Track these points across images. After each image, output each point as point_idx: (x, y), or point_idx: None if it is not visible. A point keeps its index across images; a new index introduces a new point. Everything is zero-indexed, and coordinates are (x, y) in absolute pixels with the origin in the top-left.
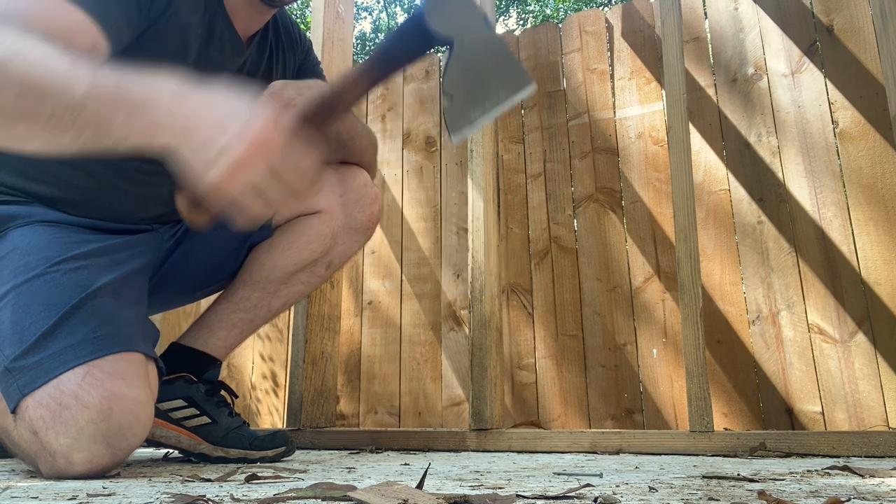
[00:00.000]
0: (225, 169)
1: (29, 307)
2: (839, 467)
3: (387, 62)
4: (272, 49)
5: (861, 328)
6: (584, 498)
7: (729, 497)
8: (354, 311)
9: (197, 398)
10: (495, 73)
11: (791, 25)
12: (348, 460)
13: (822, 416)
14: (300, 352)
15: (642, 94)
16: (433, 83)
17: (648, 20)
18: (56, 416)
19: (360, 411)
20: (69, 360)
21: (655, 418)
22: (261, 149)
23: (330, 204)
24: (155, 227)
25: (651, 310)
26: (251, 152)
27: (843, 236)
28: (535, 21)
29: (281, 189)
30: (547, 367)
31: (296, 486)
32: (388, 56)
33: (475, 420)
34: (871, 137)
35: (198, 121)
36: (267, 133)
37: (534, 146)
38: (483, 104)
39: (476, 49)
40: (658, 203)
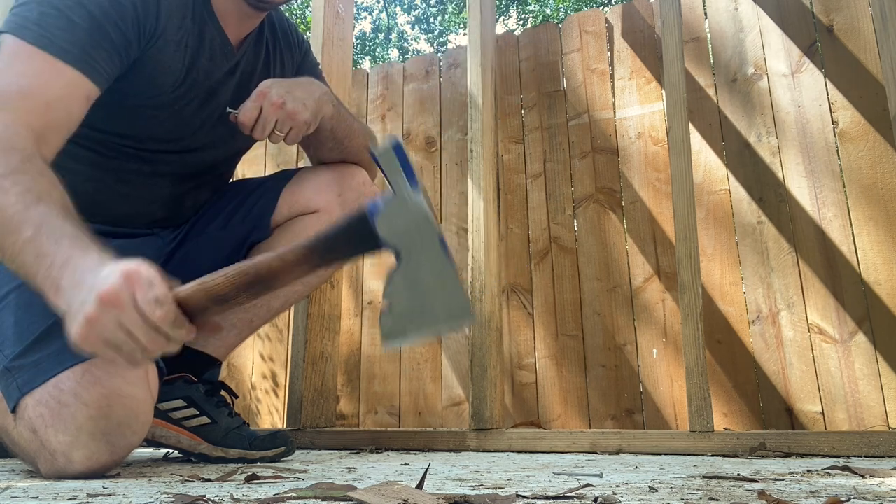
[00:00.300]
0: (80, 324)
1: (29, 308)
2: (839, 467)
3: (327, 252)
4: (269, 49)
5: (861, 328)
6: (584, 498)
7: (729, 497)
8: (354, 311)
9: (196, 398)
10: (439, 298)
11: (791, 25)
12: (348, 460)
13: (822, 416)
14: (300, 352)
15: (642, 94)
16: (433, 83)
17: (648, 20)
18: (55, 414)
19: (360, 411)
20: (68, 359)
21: (655, 418)
22: (109, 307)
23: (328, 203)
24: (155, 231)
25: (651, 310)
26: (99, 311)
27: (843, 236)
28: (535, 21)
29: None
30: (547, 367)
31: (296, 486)
32: (329, 246)
33: (475, 420)
34: (871, 137)
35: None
36: (115, 293)
37: (534, 146)
38: (420, 324)
39: (424, 269)
40: (658, 203)
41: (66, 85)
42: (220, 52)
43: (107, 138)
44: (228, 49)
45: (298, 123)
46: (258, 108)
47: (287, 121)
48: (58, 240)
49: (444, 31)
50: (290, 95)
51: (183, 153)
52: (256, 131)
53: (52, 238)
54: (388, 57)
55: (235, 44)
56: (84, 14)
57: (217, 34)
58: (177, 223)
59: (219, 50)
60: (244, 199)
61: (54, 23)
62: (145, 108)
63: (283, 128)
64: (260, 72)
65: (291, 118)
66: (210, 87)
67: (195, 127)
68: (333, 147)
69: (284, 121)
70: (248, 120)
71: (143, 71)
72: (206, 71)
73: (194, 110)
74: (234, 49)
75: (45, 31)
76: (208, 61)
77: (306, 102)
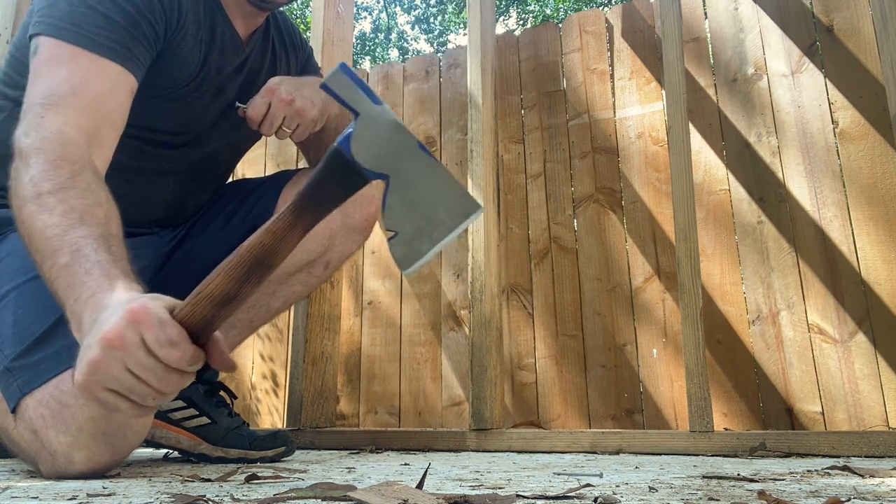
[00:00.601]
0: (81, 370)
1: (29, 307)
2: (839, 467)
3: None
4: (275, 49)
5: (861, 328)
6: (584, 498)
7: (729, 497)
8: (354, 311)
9: (196, 399)
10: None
11: (791, 25)
12: (348, 460)
13: (822, 416)
14: (300, 352)
15: (642, 94)
16: (433, 83)
17: (648, 20)
18: (56, 414)
19: (360, 411)
20: (69, 359)
21: (655, 418)
22: (113, 350)
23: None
24: (154, 231)
25: (651, 310)
26: (102, 355)
27: (843, 236)
28: (535, 21)
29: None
30: (547, 367)
31: (296, 486)
32: (315, 198)
33: (475, 420)
34: (871, 137)
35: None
36: (119, 334)
37: (534, 146)
38: (431, 235)
39: (415, 180)
40: (658, 203)
41: (113, 81)
42: (230, 47)
43: None
44: (238, 44)
45: (306, 120)
46: (267, 103)
47: (295, 117)
48: (88, 270)
49: (444, 31)
50: (299, 93)
51: (184, 148)
52: (264, 126)
53: (83, 268)
54: (388, 57)
55: (244, 39)
56: (117, 9)
57: (227, 29)
58: (177, 223)
59: (229, 45)
60: (244, 200)
61: (91, 20)
62: (159, 100)
63: (291, 124)
64: (267, 70)
65: (300, 115)
66: (220, 82)
67: (204, 121)
68: None
69: (293, 117)
70: (256, 115)
71: (164, 63)
72: (218, 65)
73: (205, 104)
74: (243, 44)
75: (82, 30)
76: (219, 56)
77: (314, 100)
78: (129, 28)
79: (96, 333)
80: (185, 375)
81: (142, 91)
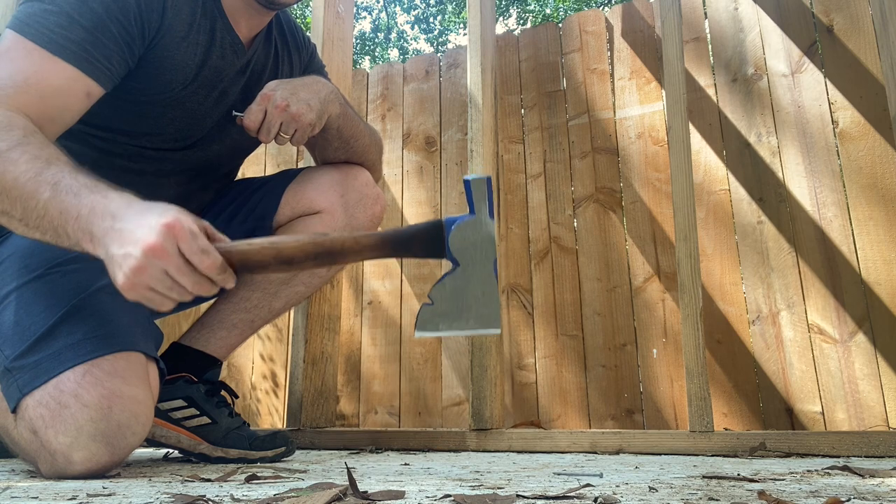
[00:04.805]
0: (126, 274)
1: (29, 308)
2: (839, 467)
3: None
4: (277, 49)
5: (861, 328)
6: (584, 498)
7: (729, 497)
8: (354, 311)
9: (197, 398)
10: (477, 305)
11: (791, 25)
12: (348, 460)
13: (822, 416)
14: (300, 352)
15: (642, 94)
16: (433, 83)
17: (648, 20)
18: (56, 415)
19: (360, 411)
20: (68, 360)
21: (655, 418)
22: (155, 258)
23: (331, 204)
24: None
25: (651, 310)
26: (145, 262)
27: (843, 236)
28: (535, 21)
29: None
30: (547, 367)
31: (296, 486)
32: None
33: (475, 420)
34: (871, 137)
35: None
36: (160, 244)
37: (534, 146)
38: (453, 323)
39: (475, 279)
40: (658, 203)
41: (63, 81)
42: (230, 51)
43: (112, 137)
44: (239, 47)
45: (303, 125)
46: (263, 110)
47: (292, 123)
48: (77, 192)
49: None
50: (295, 97)
51: (187, 150)
52: (262, 134)
53: (70, 192)
54: (388, 57)
55: (245, 42)
56: (85, 11)
57: (227, 32)
58: None
59: (229, 48)
60: (247, 200)
61: (55, 20)
62: (156, 106)
63: (289, 130)
64: (269, 71)
65: (296, 120)
66: (221, 85)
67: (205, 125)
68: (339, 147)
69: (289, 123)
70: (253, 123)
71: (151, 67)
72: (218, 69)
73: (207, 109)
74: (244, 47)
75: (45, 29)
76: (220, 59)
77: (311, 103)
78: (95, 31)
79: (136, 244)
80: (214, 283)
81: (136, 96)
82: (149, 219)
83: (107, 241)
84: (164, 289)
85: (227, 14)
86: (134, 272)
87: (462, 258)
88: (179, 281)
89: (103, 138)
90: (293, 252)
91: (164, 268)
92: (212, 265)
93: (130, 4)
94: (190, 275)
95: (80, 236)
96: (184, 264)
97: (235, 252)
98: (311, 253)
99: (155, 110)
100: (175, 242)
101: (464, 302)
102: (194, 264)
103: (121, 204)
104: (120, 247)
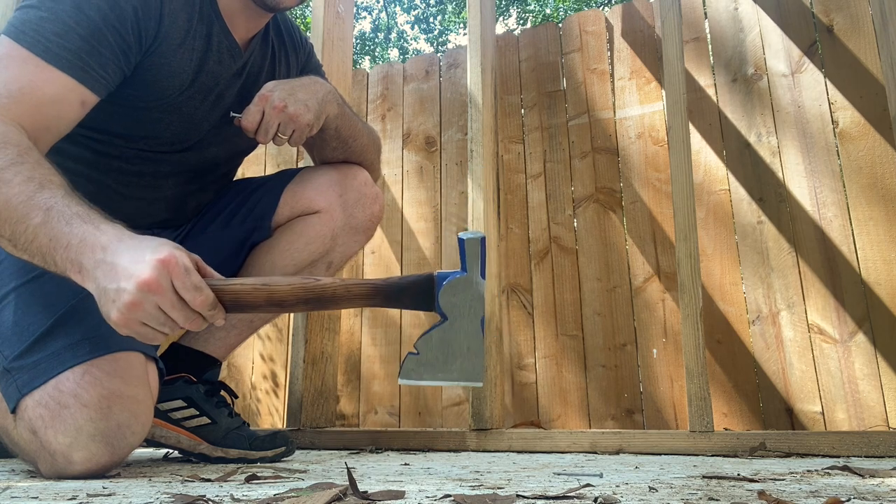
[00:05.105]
0: (120, 310)
1: (28, 308)
2: (839, 467)
3: (389, 297)
4: (274, 50)
5: (861, 328)
6: (584, 498)
7: (729, 497)
8: (354, 311)
9: (196, 398)
10: (462, 359)
11: (791, 25)
12: (348, 460)
13: (822, 416)
14: (300, 352)
15: (642, 94)
16: (433, 83)
17: (648, 20)
18: (55, 415)
19: (360, 411)
20: (68, 360)
21: (655, 418)
22: (149, 294)
23: (330, 204)
24: (156, 231)
25: (651, 310)
26: (139, 297)
27: (843, 236)
28: (535, 21)
29: (174, 323)
30: (547, 367)
31: (296, 486)
32: (393, 294)
33: (475, 420)
34: (871, 137)
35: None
36: (155, 280)
37: (534, 146)
38: (437, 374)
39: (461, 334)
40: (658, 203)
41: (58, 90)
42: (227, 54)
43: (109, 139)
44: (236, 51)
45: (301, 126)
46: (261, 111)
47: (290, 123)
48: (69, 220)
49: (444, 31)
50: (293, 98)
51: (185, 152)
52: (259, 135)
53: (62, 220)
54: (388, 57)
55: (242, 44)
56: (82, 19)
57: (224, 36)
58: (178, 224)
59: (226, 52)
60: (245, 199)
61: (51, 28)
62: (153, 111)
63: (286, 130)
64: (266, 72)
65: (294, 121)
66: (218, 89)
67: (202, 129)
68: (337, 147)
69: (287, 124)
70: (250, 124)
71: (148, 74)
72: (214, 73)
73: (203, 113)
74: (241, 50)
75: (40, 37)
76: (217, 64)
77: (308, 104)
78: (91, 39)
79: (129, 279)
80: (205, 321)
81: (133, 102)
82: (143, 254)
83: (97, 275)
84: (156, 324)
85: (224, 16)
86: (128, 307)
87: (451, 313)
88: (172, 316)
89: (100, 140)
90: (284, 296)
91: (157, 303)
92: (203, 302)
93: (128, 12)
94: (182, 310)
95: (68, 266)
96: (177, 300)
97: (228, 291)
98: (302, 298)
99: (152, 115)
100: (169, 278)
101: (449, 354)
102: (187, 301)
103: (112, 237)
104: (112, 281)
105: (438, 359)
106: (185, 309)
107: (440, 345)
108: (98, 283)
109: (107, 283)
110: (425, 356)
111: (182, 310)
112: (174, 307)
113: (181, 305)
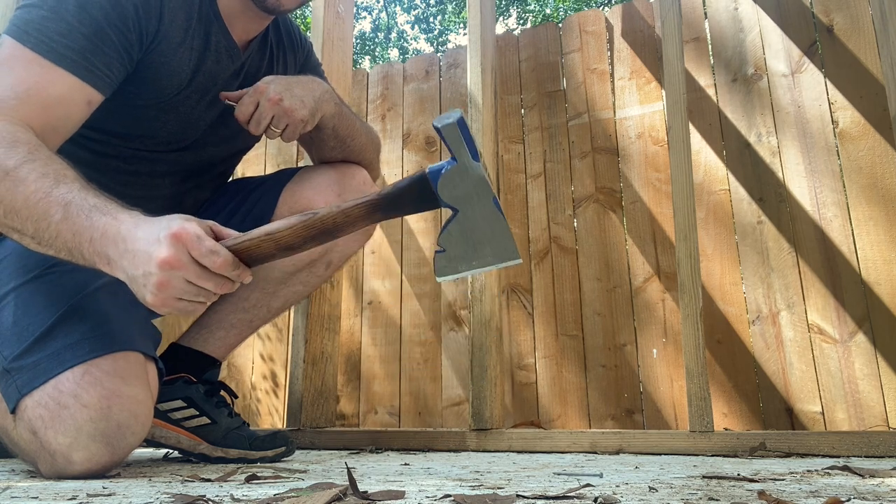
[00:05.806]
0: (153, 292)
1: (28, 308)
2: (839, 467)
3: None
4: (272, 50)
5: (861, 328)
6: (584, 498)
7: (729, 497)
8: (354, 311)
9: (196, 399)
10: (490, 241)
11: (791, 25)
12: (348, 460)
13: (822, 416)
14: (300, 352)
15: (642, 94)
16: (433, 83)
17: (648, 20)
18: (55, 415)
19: (360, 411)
20: (67, 360)
21: (655, 418)
22: (172, 270)
23: (328, 203)
24: None
25: (651, 310)
26: (165, 276)
27: (843, 236)
28: (535, 21)
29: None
30: (547, 367)
31: (296, 486)
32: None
33: (475, 420)
34: (871, 137)
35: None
36: (173, 256)
37: (534, 146)
38: (471, 262)
39: (478, 222)
40: (658, 203)
41: (65, 90)
42: (225, 55)
43: (107, 139)
44: (235, 51)
45: (295, 121)
46: (255, 102)
47: (283, 117)
48: (88, 214)
49: (444, 31)
50: (289, 92)
51: (182, 152)
52: (251, 126)
53: (82, 214)
54: (388, 57)
55: (241, 46)
56: (85, 18)
57: (223, 36)
58: None
59: (224, 52)
60: (244, 199)
61: (55, 27)
62: (150, 109)
63: (279, 124)
64: (264, 72)
65: (288, 115)
66: (215, 90)
67: (198, 128)
68: (335, 146)
69: (281, 117)
70: (243, 115)
71: (147, 73)
72: (212, 73)
73: (200, 113)
74: (240, 51)
75: (44, 37)
76: (215, 64)
77: (304, 100)
78: (94, 38)
79: (150, 262)
80: (232, 280)
81: (132, 101)
82: (157, 234)
83: (124, 265)
84: (191, 296)
85: (224, 17)
86: (159, 288)
87: (458, 204)
88: (201, 285)
89: (97, 140)
90: (290, 239)
91: (183, 276)
92: (224, 263)
93: (129, 11)
94: (209, 278)
95: (97, 259)
96: (200, 269)
97: (241, 248)
98: (307, 236)
99: (149, 114)
100: (186, 250)
101: (475, 242)
102: (207, 266)
103: (130, 226)
104: (137, 267)
105: (466, 249)
106: (211, 275)
107: (462, 236)
108: (126, 272)
109: (134, 271)
110: (452, 251)
111: (209, 277)
112: (200, 276)
113: (206, 274)
